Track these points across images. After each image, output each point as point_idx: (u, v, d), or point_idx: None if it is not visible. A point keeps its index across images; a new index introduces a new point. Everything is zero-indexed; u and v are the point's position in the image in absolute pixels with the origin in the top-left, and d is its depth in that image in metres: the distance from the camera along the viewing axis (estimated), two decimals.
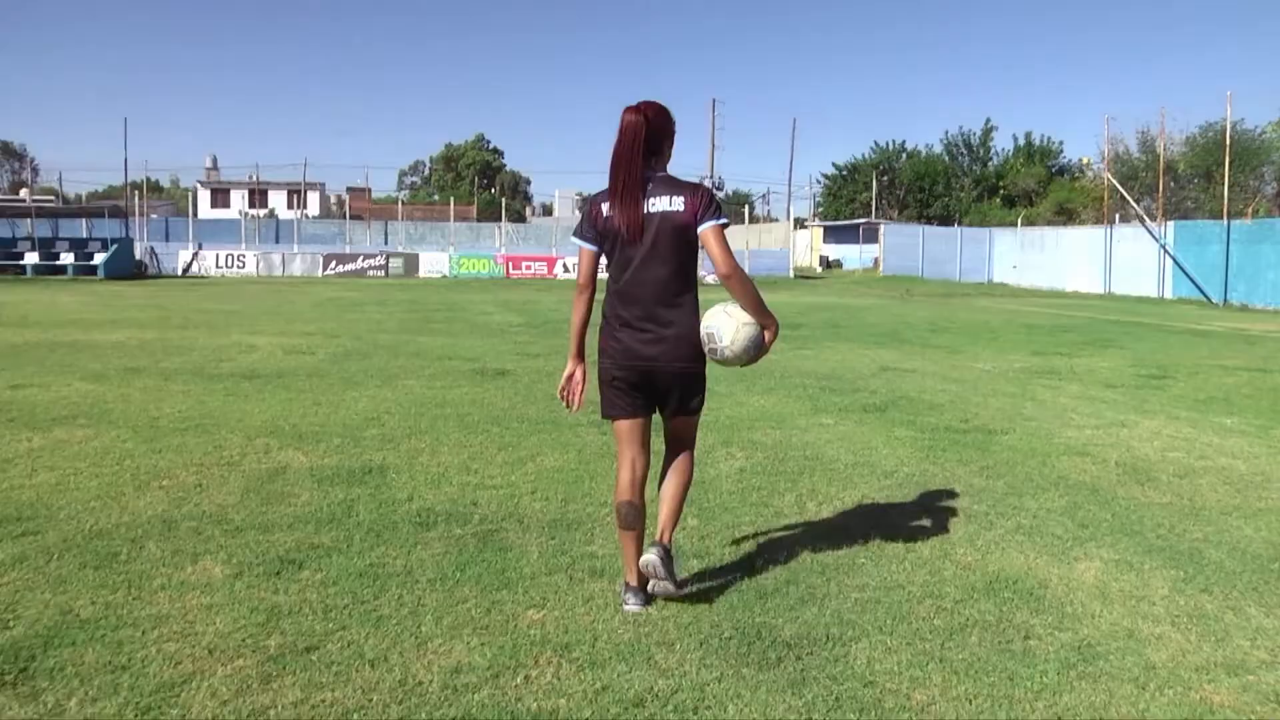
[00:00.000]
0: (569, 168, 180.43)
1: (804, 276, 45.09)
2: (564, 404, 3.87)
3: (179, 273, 38.67)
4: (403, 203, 59.84)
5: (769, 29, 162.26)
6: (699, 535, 4.52)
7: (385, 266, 40.07)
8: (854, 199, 64.38)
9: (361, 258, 40.35)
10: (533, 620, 3.43)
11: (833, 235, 59.79)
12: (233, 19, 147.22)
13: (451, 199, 53.68)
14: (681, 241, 3.50)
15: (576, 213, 79.02)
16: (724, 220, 3.50)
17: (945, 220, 56.37)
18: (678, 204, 3.47)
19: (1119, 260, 34.24)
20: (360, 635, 3.24)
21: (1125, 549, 4.49)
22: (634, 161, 3.46)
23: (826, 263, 55.99)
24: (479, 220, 56.24)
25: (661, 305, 3.52)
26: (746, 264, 43.40)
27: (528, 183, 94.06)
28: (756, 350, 3.59)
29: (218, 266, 39.38)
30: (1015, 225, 44.63)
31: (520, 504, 4.94)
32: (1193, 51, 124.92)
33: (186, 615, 3.37)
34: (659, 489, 3.82)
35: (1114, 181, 35.56)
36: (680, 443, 3.79)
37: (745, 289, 3.52)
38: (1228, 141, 30.76)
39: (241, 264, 39.73)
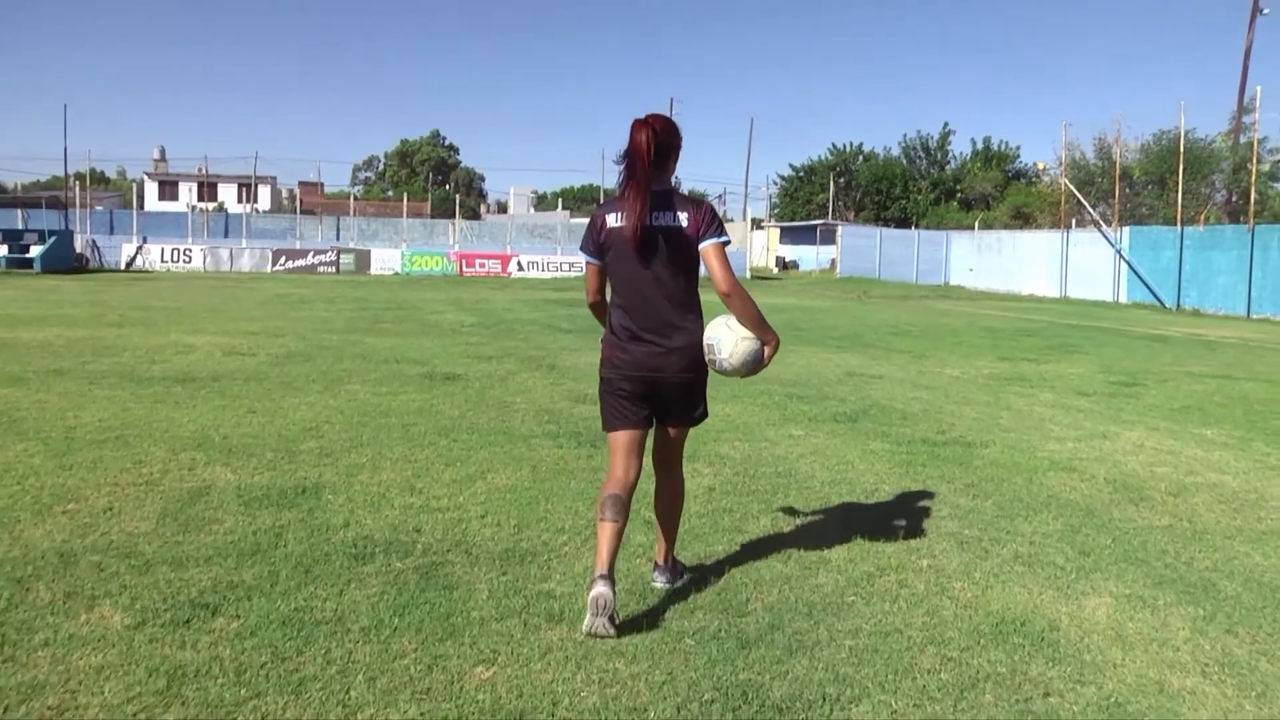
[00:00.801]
0: (524, 165, 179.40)
1: (761, 277, 44.81)
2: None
3: (122, 267, 37.46)
4: (356, 198, 58.76)
5: (728, 29, 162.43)
6: None
7: (336, 263, 39.17)
8: (810, 200, 64.34)
9: (312, 253, 39.40)
10: (481, 680, 2.95)
11: (789, 236, 59.66)
12: (186, 6, 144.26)
13: (405, 195, 52.72)
14: (684, 256, 3.56)
15: (531, 210, 78.56)
16: (725, 238, 3.54)
17: (902, 222, 56.51)
18: (682, 219, 3.52)
19: (1075, 264, 34.37)
20: (278, 705, 2.74)
21: (1133, 581, 4.11)
22: (643, 175, 3.49)
23: (783, 264, 55.83)
24: (433, 217, 55.32)
25: (666, 317, 3.58)
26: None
27: (482, 179, 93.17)
28: (755, 364, 3.64)
29: (163, 261, 38.19)
30: (972, 228, 44.77)
31: (468, 531, 4.45)
32: (1148, 62, 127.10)
33: (69, 683, 2.83)
34: (655, 512, 3.92)
35: (1070, 187, 35.70)
36: (671, 453, 3.82)
37: (745, 306, 3.57)
38: (1181, 149, 30.97)
39: (188, 258, 38.59)
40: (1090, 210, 34.79)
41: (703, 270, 3.61)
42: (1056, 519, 5.07)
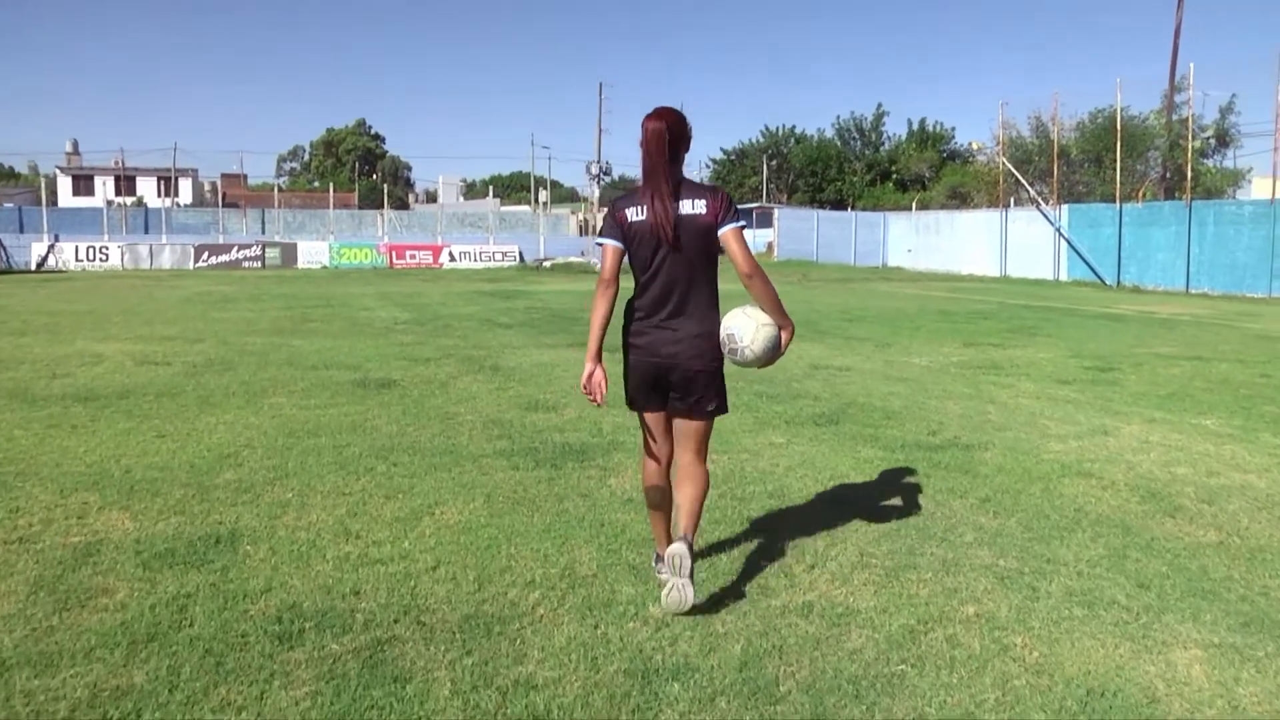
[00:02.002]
0: (452, 153, 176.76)
1: None
2: (589, 399, 3.71)
3: (32, 268, 35.51)
4: (281, 190, 56.87)
5: (657, 12, 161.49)
6: (670, 632, 3.32)
7: (261, 257, 37.62)
8: (743, 184, 63.72)
9: (236, 248, 37.78)
10: None
11: None
12: None
13: (332, 186, 51.02)
14: (705, 243, 3.56)
15: (460, 199, 76.95)
16: (743, 223, 3.56)
17: (838, 204, 56.26)
18: (700, 207, 3.53)
19: (1014, 243, 34.32)
20: None
21: (1214, 623, 3.48)
22: (664, 166, 3.53)
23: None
24: (360, 208, 53.76)
25: (685, 304, 3.58)
26: None
27: (409, 169, 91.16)
28: (774, 351, 3.60)
29: (78, 260, 36.28)
30: (909, 209, 44.64)
31: (419, 589, 3.65)
32: (1082, 43, 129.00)
33: None
34: (674, 496, 3.75)
35: (1009, 165, 35.62)
36: (690, 447, 3.70)
37: (766, 289, 3.56)
38: (1119, 127, 30.97)
39: (105, 256, 36.72)
40: (1029, 189, 34.74)
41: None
42: (1094, 540, 4.44)
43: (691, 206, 3.51)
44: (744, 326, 3.55)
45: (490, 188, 56.97)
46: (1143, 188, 33.12)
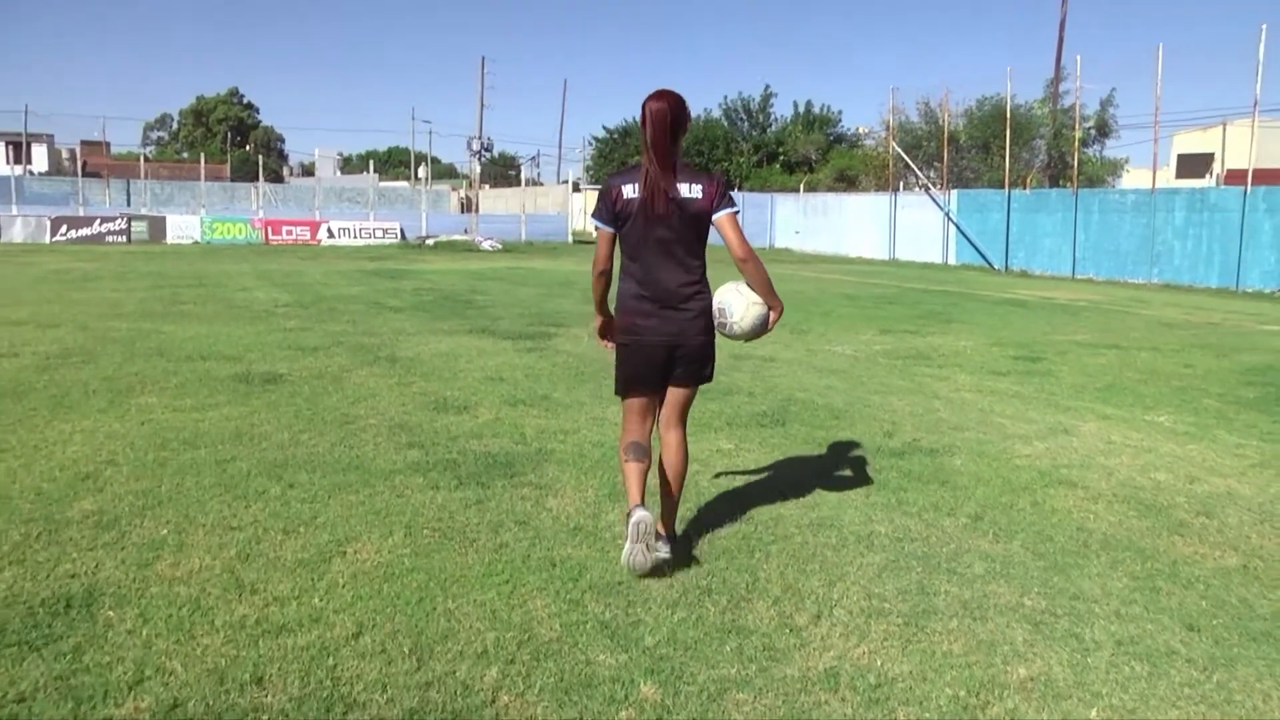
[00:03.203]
0: (328, 126, 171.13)
1: (582, 241, 43.22)
2: (602, 344, 3.97)
3: None
4: (147, 159, 53.54)
5: None
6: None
7: (127, 231, 35.11)
8: (625, 162, 63.06)
9: (99, 221, 35.15)
10: None
11: None
12: None
13: (203, 156, 48.21)
14: (699, 225, 3.68)
15: (338, 173, 74.18)
16: (737, 208, 3.72)
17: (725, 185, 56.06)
18: (697, 190, 3.63)
19: (903, 227, 34.57)
20: None
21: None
22: (667, 146, 3.60)
23: None
24: (233, 180, 51.10)
25: (680, 284, 3.70)
26: (523, 229, 41.27)
27: (282, 141, 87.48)
28: (762, 328, 3.83)
29: None
30: (797, 191, 44.71)
31: (341, 670, 2.84)
32: (970, 31, 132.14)
33: None
34: (661, 475, 3.89)
35: (899, 150, 35.86)
36: (681, 412, 3.92)
37: (759, 272, 3.75)
38: (1009, 114, 31.39)
39: None
40: (919, 173, 35.07)
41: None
42: (1113, 568, 3.92)
43: (689, 190, 3.62)
44: (735, 303, 3.77)
45: (372, 162, 54.76)
46: (1029, 175, 33.76)
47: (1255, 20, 31.55)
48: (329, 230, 36.81)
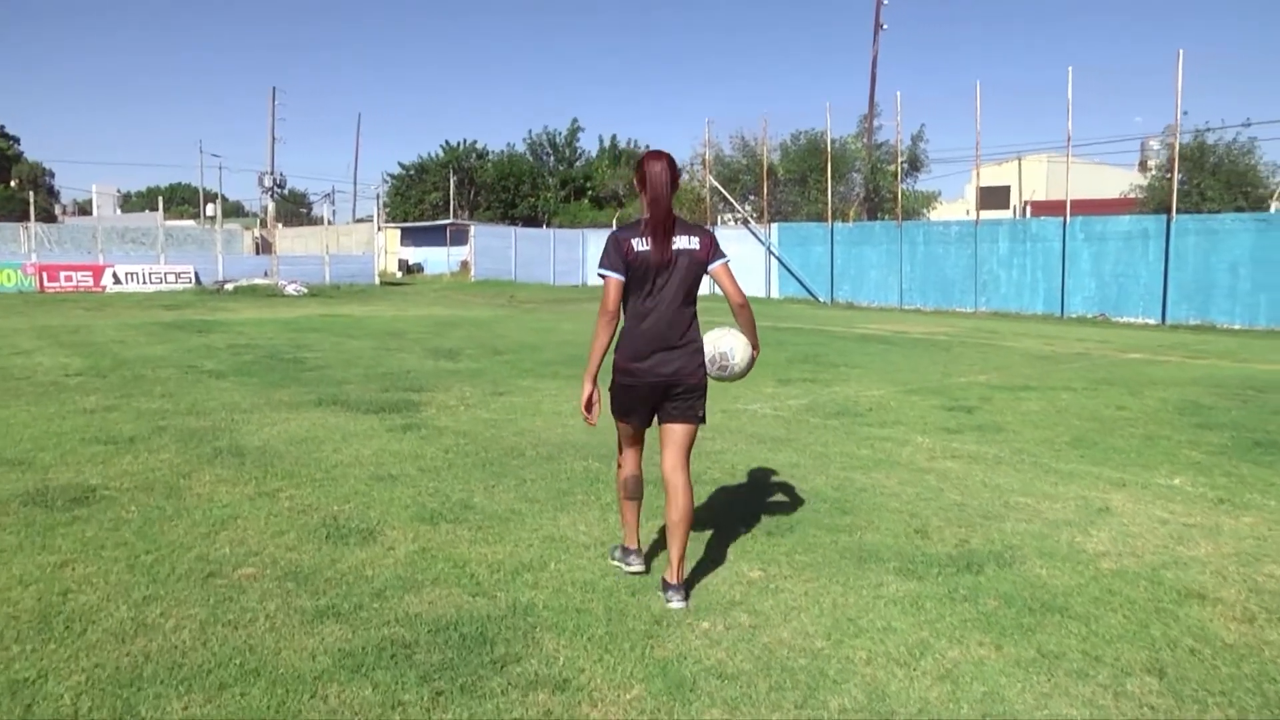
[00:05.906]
0: (103, 159, 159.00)
1: (388, 283, 40.74)
2: (585, 419, 4.09)
3: None
4: None
5: (330, 18, 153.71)
6: None
7: None
8: (423, 199, 60.70)
9: None
10: None
11: (412, 237, 55.38)
12: None
13: None
14: (696, 275, 4.03)
15: (118, 211, 67.93)
16: (728, 257, 4.13)
17: (532, 221, 54.87)
18: (694, 243, 4.00)
19: None
20: None
21: None
22: (668, 203, 3.94)
23: (407, 267, 51.82)
24: None
25: (678, 327, 4.01)
26: (327, 271, 38.40)
27: (51, 176, 79.77)
28: (750, 365, 4.27)
29: None
30: (609, 226, 43.97)
31: None
32: (785, 70, 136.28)
33: None
34: (669, 521, 4.02)
35: (715, 183, 35.64)
36: (681, 452, 4.08)
37: (751, 316, 4.20)
38: (829, 148, 31.65)
39: None
40: (739, 207, 34.91)
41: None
42: None
43: (688, 242, 3.98)
44: (736, 346, 4.20)
45: (161, 199, 50.07)
46: (850, 208, 34.17)
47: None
48: (114, 275, 32.76)
